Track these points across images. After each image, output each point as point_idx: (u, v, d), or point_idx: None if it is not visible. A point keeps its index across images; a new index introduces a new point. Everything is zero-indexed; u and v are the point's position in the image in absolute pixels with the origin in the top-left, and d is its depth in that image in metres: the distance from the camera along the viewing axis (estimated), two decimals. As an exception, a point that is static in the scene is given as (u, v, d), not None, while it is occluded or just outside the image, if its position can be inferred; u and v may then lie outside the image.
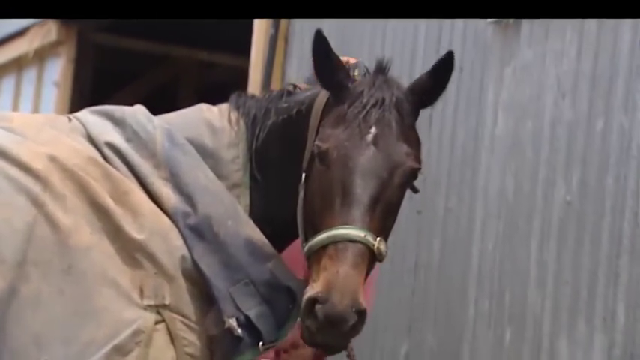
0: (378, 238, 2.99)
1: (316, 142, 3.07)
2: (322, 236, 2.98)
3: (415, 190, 3.27)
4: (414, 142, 3.10)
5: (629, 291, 4.58)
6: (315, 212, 3.06)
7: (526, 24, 5.28)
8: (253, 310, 3.12)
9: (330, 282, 2.92)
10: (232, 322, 3.09)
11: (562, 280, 4.88)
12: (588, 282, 4.76)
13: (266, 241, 3.15)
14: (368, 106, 3.06)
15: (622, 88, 4.76)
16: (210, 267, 3.11)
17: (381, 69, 3.17)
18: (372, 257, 3.01)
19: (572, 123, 4.96)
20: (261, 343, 3.13)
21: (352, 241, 2.95)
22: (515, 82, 5.29)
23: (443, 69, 3.14)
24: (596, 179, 4.80)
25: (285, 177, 3.20)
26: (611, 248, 4.68)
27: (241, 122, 3.23)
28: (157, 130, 3.19)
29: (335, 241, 2.96)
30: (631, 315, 4.55)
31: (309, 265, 3.04)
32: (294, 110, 3.21)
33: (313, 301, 2.92)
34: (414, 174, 3.10)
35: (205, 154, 3.19)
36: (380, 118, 3.06)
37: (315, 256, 3.00)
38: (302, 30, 6.89)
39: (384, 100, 3.08)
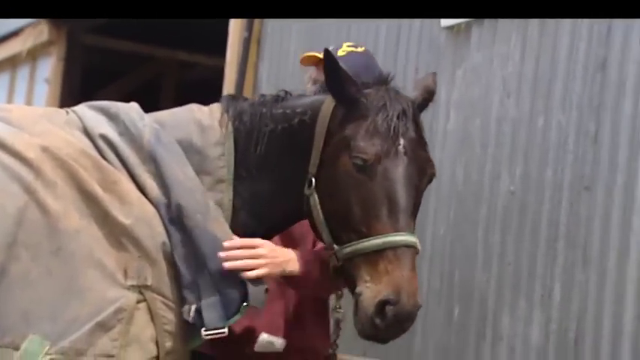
0: (418, 241, 3.09)
1: (356, 154, 3.07)
2: (377, 242, 3.02)
3: None
4: (427, 148, 3.18)
5: (565, 272, 4.62)
6: (355, 219, 3.07)
7: (475, 30, 5.30)
8: (207, 300, 3.11)
9: (399, 285, 2.98)
10: (186, 310, 3.08)
11: (505, 262, 4.92)
12: (528, 264, 4.80)
13: (232, 237, 3.14)
14: (394, 119, 3.10)
15: (560, 89, 4.80)
16: (180, 257, 3.12)
17: (384, 81, 3.21)
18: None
19: (516, 120, 4.99)
20: (203, 329, 3.09)
21: (407, 246, 3.02)
22: (466, 83, 5.31)
23: (431, 87, 3.23)
24: (536, 171, 4.83)
25: (281, 179, 3.20)
26: (550, 234, 4.71)
27: (229, 123, 3.21)
28: (146, 127, 3.17)
29: (393, 247, 3.00)
30: (566, 294, 4.59)
31: (350, 267, 3.07)
32: (296, 120, 3.19)
33: (385, 302, 2.98)
34: (433, 178, 3.19)
35: (192, 150, 3.17)
36: (405, 129, 3.10)
37: (364, 259, 3.03)
38: (273, 33, 6.90)
39: (404, 112, 3.12)
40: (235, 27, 7.15)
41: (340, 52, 3.73)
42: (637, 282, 4.29)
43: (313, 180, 3.13)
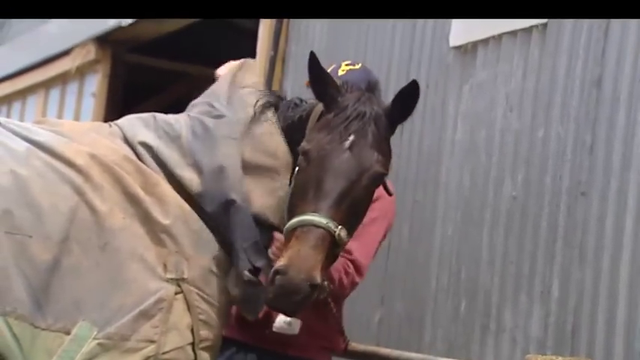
0: (340, 227, 2.98)
1: (302, 143, 3.07)
2: (293, 220, 2.99)
3: (390, 194, 3.27)
4: (385, 152, 3.10)
5: (563, 270, 4.58)
6: (294, 201, 3.06)
7: (481, 49, 5.27)
8: (261, 262, 3.13)
9: (291, 258, 2.92)
10: (246, 272, 3.10)
11: (508, 261, 4.88)
12: (529, 262, 4.76)
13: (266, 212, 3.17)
14: (351, 118, 3.07)
15: (559, 103, 4.76)
16: (232, 233, 3.11)
17: (370, 88, 3.18)
18: (333, 242, 2.99)
19: (518, 132, 4.96)
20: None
21: (316, 226, 2.94)
22: (472, 97, 5.28)
23: (409, 96, 3.14)
24: (537, 178, 4.80)
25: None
26: (549, 235, 4.68)
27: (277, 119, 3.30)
28: (182, 128, 3.22)
29: (302, 225, 2.96)
30: (564, 290, 4.55)
31: (283, 245, 3.05)
32: (297, 116, 3.23)
33: (275, 272, 2.92)
34: (380, 178, 3.10)
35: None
36: (359, 128, 3.05)
37: (287, 237, 3.00)
38: (296, 52, 6.89)
39: (365, 113, 3.08)
40: (262, 46, 7.13)
41: (340, 72, 3.73)
42: (629, 279, 4.25)
43: (296, 169, 3.13)
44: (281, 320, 3.66)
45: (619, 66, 4.46)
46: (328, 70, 3.60)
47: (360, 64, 3.82)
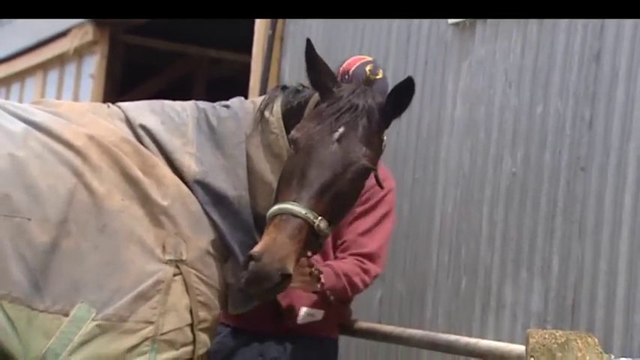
0: (320, 218, 2.95)
1: (292, 131, 3.05)
2: (274, 208, 2.98)
3: (381, 186, 3.25)
4: (375, 146, 3.07)
5: (563, 245, 4.58)
6: (279, 187, 3.05)
7: (480, 26, 5.25)
8: None
9: (266, 245, 2.90)
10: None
11: (508, 237, 4.88)
12: (529, 238, 4.76)
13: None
14: (343, 109, 3.04)
15: (558, 79, 4.75)
16: (226, 227, 3.11)
17: (367, 81, 3.16)
18: (313, 233, 2.97)
19: (517, 108, 4.94)
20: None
21: (294, 215, 2.93)
22: (471, 74, 5.26)
23: (404, 92, 3.11)
24: (536, 154, 4.79)
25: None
26: (548, 211, 4.67)
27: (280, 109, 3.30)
28: (189, 118, 3.20)
29: (280, 213, 2.94)
30: (564, 265, 4.56)
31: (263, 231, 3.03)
32: (296, 102, 3.21)
33: (249, 257, 2.91)
34: (366, 172, 3.06)
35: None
36: (349, 120, 3.03)
37: (267, 224, 2.99)
38: (295, 31, 6.86)
39: (357, 106, 3.05)
40: (260, 26, 7.11)
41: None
42: (628, 254, 4.26)
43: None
44: (305, 312, 3.71)
45: (617, 41, 4.44)
46: (353, 67, 3.61)
47: (381, 72, 3.78)
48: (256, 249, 2.91)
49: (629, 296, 4.21)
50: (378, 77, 3.68)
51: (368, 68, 3.71)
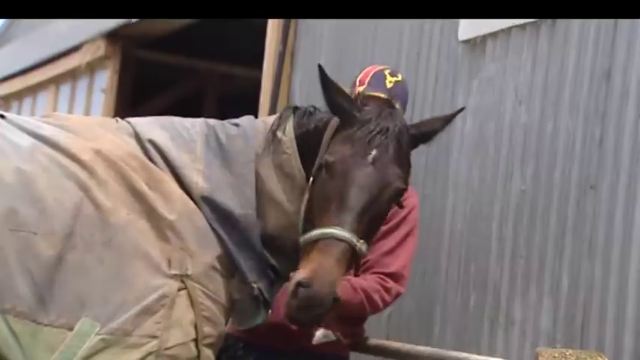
0: (361, 241, 2.97)
1: (325, 155, 3.05)
2: (315, 232, 2.97)
3: (401, 206, 3.26)
4: (405, 167, 3.10)
5: (572, 264, 4.57)
6: (314, 212, 3.04)
7: (490, 43, 5.25)
8: (262, 282, 3.15)
9: (315, 271, 2.90)
10: (256, 287, 3.12)
11: (518, 254, 4.87)
12: (539, 256, 4.75)
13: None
14: (374, 132, 3.06)
15: (568, 97, 4.74)
16: (232, 244, 3.11)
17: (389, 103, 3.17)
18: (354, 255, 2.98)
19: (527, 125, 4.94)
20: (270, 311, 3.16)
21: (338, 239, 2.94)
22: (481, 91, 5.27)
23: (439, 126, 3.18)
24: (546, 172, 4.78)
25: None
26: (558, 229, 4.66)
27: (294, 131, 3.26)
28: (198, 134, 3.20)
29: (324, 238, 2.95)
30: (573, 283, 4.54)
31: (301, 256, 3.02)
32: (312, 126, 3.20)
33: (299, 284, 2.90)
34: (400, 193, 3.10)
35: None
36: (381, 143, 3.05)
37: (307, 249, 2.98)
38: (305, 47, 6.88)
39: (387, 129, 3.07)
40: (271, 41, 7.12)
41: (388, 84, 3.72)
42: (638, 273, 4.24)
43: (311, 180, 3.10)
44: (320, 334, 3.70)
45: (628, 59, 4.43)
46: (369, 75, 3.63)
47: (400, 75, 3.81)
48: (304, 275, 2.90)
49: (639, 315, 4.18)
50: (398, 79, 3.70)
51: (387, 72, 3.73)
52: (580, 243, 4.53)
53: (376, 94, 3.47)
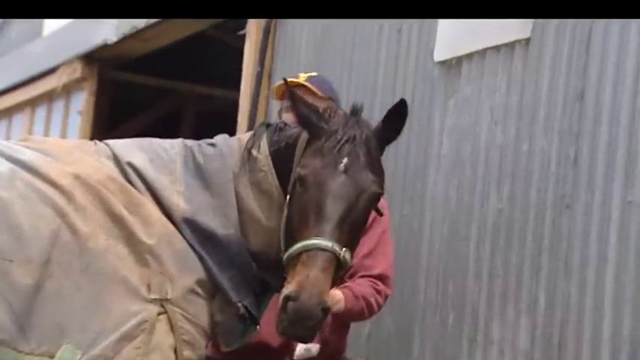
0: (344, 249, 2.99)
1: (297, 169, 3.07)
2: (297, 246, 2.98)
3: (380, 214, 3.29)
4: (378, 171, 3.11)
5: (549, 282, 4.60)
6: (294, 227, 3.05)
7: (465, 65, 5.30)
8: (247, 299, 3.15)
9: (301, 283, 2.91)
10: (241, 305, 3.12)
11: (495, 274, 4.90)
12: (516, 275, 4.78)
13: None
14: (342, 142, 3.08)
15: (542, 117, 4.79)
16: (214, 265, 3.12)
17: (354, 112, 3.20)
18: (338, 264, 2.99)
19: (503, 145, 4.98)
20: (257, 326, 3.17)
21: (322, 249, 2.95)
22: (457, 112, 5.31)
23: (398, 115, 3.15)
24: (522, 192, 4.82)
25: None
26: (534, 248, 4.70)
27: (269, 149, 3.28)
28: (177, 155, 3.21)
29: (307, 250, 2.95)
30: (550, 302, 4.57)
31: (286, 271, 3.02)
32: (283, 143, 3.22)
33: (286, 298, 2.91)
34: (377, 198, 3.11)
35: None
36: (351, 151, 3.07)
37: (291, 263, 2.99)
38: (282, 69, 6.92)
39: (355, 137, 3.09)
40: (249, 62, 7.16)
41: (302, 80, 3.82)
42: (614, 291, 4.27)
43: (287, 197, 3.12)
44: (301, 348, 3.71)
45: (601, 79, 4.49)
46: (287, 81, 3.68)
47: (315, 73, 3.93)
48: (291, 289, 2.91)
49: (615, 334, 4.22)
50: (312, 74, 3.78)
51: (302, 74, 3.83)
52: (556, 262, 4.56)
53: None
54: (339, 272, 3.04)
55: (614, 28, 4.44)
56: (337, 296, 3.57)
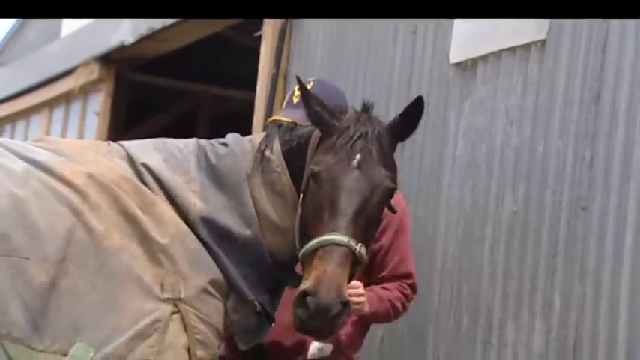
0: (360, 244, 2.99)
1: (310, 166, 3.08)
2: (313, 242, 2.99)
3: (394, 211, 3.29)
4: (391, 167, 3.13)
5: (564, 284, 4.58)
6: (308, 224, 3.06)
7: (481, 66, 5.29)
8: (262, 297, 3.16)
9: (319, 278, 2.92)
10: (257, 302, 3.13)
11: (509, 276, 4.88)
12: (531, 277, 4.76)
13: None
14: (354, 138, 3.10)
15: (558, 119, 4.78)
16: (230, 263, 3.12)
17: (365, 108, 3.20)
18: (355, 259, 3.00)
19: (518, 147, 4.97)
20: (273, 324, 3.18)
21: (338, 244, 2.95)
22: (472, 113, 5.30)
23: (414, 111, 3.16)
24: (537, 193, 4.80)
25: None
26: (549, 249, 4.68)
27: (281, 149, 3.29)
28: (191, 155, 3.23)
29: (323, 245, 2.96)
30: (565, 304, 4.55)
31: (303, 268, 3.04)
32: (295, 142, 3.23)
33: (304, 293, 2.91)
34: (390, 193, 3.13)
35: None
36: (363, 147, 3.08)
37: (307, 259, 3.00)
38: (298, 70, 6.91)
39: (367, 133, 3.11)
40: (264, 64, 7.17)
41: (294, 100, 3.71)
42: (630, 293, 4.25)
43: (301, 195, 3.13)
44: (314, 347, 3.72)
45: (617, 81, 4.47)
46: (285, 100, 3.69)
47: (311, 81, 3.86)
48: (308, 284, 2.92)
49: (631, 336, 4.20)
50: (309, 84, 3.73)
51: (296, 87, 3.78)
52: (571, 263, 4.54)
53: (284, 118, 3.45)
54: (355, 267, 3.05)
55: (631, 28, 4.42)
56: (361, 297, 3.60)
